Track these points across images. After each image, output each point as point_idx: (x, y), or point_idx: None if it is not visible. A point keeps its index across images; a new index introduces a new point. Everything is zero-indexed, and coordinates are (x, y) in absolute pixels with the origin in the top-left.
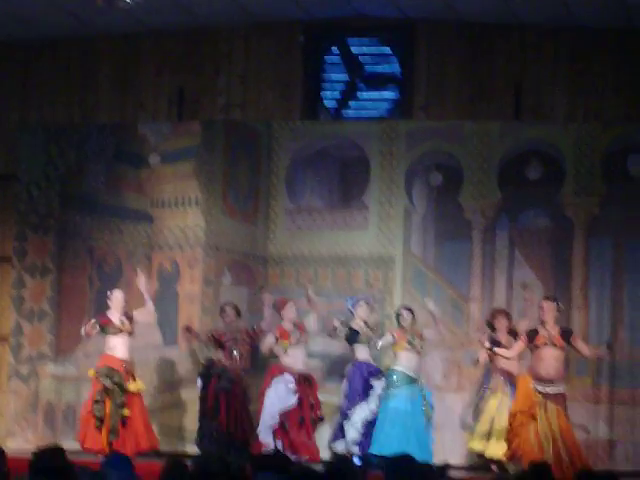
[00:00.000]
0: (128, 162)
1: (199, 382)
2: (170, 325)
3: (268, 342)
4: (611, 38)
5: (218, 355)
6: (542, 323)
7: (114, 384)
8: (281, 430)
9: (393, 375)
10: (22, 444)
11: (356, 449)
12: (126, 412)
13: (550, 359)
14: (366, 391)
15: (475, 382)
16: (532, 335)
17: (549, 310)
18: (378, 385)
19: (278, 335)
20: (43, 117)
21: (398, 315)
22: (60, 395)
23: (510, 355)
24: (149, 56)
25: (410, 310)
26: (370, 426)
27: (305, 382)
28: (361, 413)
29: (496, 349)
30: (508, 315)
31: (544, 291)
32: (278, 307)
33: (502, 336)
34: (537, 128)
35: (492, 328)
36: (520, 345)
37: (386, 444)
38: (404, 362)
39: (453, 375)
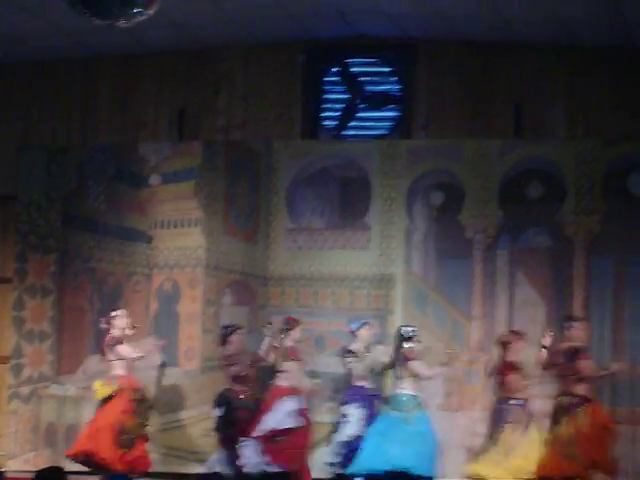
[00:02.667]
0: (128, 182)
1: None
2: (171, 346)
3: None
4: (611, 56)
5: (235, 387)
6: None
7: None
8: (270, 445)
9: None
10: (23, 465)
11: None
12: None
13: None
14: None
15: (475, 401)
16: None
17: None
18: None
19: (291, 355)
20: (43, 137)
21: (412, 336)
22: (61, 416)
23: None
24: (149, 76)
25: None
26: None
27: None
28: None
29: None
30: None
31: (546, 310)
32: (291, 326)
33: (513, 357)
34: (538, 146)
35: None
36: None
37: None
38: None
39: (454, 394)
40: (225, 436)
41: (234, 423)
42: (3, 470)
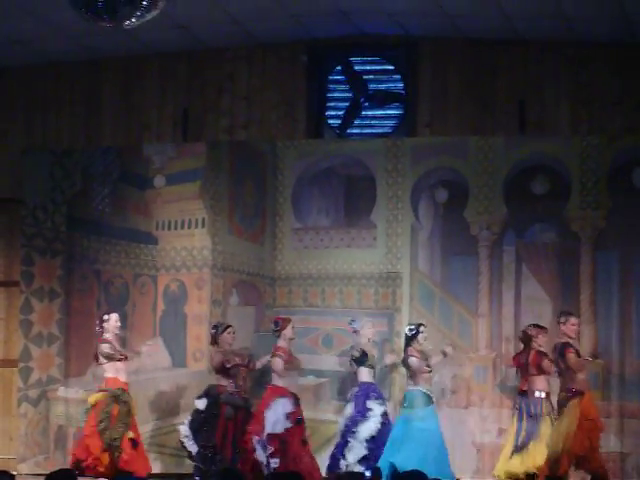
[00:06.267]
0: (133, 184)
1: (201, 405)
2: (178, 347)
3: (279, 363)
4: (613, 51)
5: (222, 381)
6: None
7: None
8: (280, 449)
9: (417, 395)
10: (33, 468)
11: (359, 467)
12: (131, 434)
13: None
14: (364, 412)
15: (484, 398)
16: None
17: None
18: (377, 407)
19: (282, 354)
20: (48, 140)
21: (417, 332)
22: (71, 418)
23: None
24: (153, 78)
25: (424, 327)
26: (373, 443)
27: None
28: (367, 431)
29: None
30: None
31: (552, 306)
32: (281, 326)
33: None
34: (542, 142)
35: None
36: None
37: (409, 462)
38: (422, 381)
39: (462, 391)
40: (200, 433)
41: (215, 418)
42: (14, 474)
